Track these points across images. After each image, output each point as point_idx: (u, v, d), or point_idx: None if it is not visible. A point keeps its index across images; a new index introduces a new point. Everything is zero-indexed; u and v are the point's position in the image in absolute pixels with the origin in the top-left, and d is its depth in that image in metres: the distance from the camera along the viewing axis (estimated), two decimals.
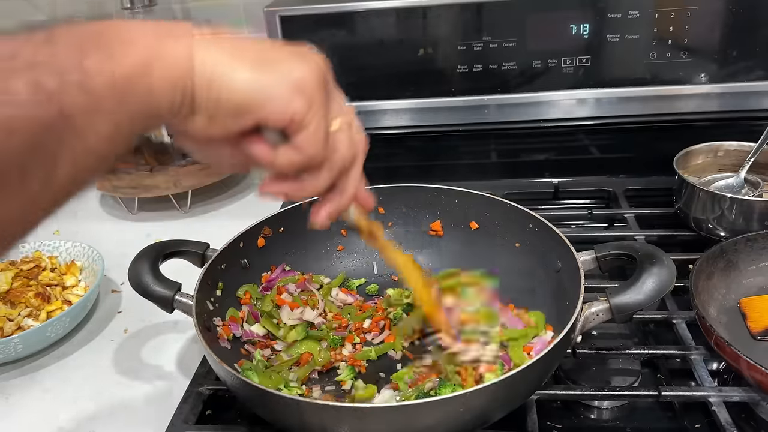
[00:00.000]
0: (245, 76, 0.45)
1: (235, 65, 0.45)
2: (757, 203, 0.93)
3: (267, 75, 0.46)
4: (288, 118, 0.47)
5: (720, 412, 0.69)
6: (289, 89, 0.46)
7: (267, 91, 0.46)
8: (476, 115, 1.20)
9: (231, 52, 0.46)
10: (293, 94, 0.46)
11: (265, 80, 0.46)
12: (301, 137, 0.48)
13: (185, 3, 1.35)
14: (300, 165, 0.50)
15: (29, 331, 0.87)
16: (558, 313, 0.79)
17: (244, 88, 0.45)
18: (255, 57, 0.46)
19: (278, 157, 0.49)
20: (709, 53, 1.11)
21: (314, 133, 0.48)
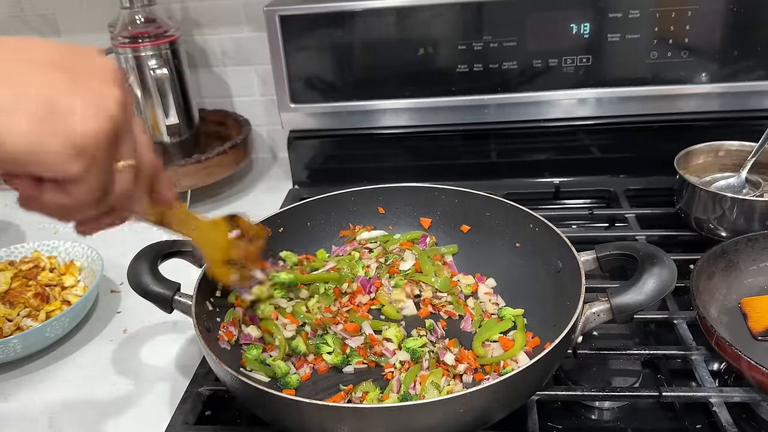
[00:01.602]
0: (21, 134, 0.40)
1: (12, 117, 0.40)
2: (758, 203, 0.93)
3: (45, 133, 0.41)
4: (63, 177, 0.43)
5: (721, 412, 0.69)
6: (69, 151, 0.42)
7: (42, 151, 0.41)
8: (476, 114, 1.20)
9: (11, 96, 0.40)
10: (72, 156, 0.42)
11: (42, 140, 0.41)
12: (74, 188, 0.44)
13: (185, 3, 1.35)
14: (67, 207, 0.46)
15: (28, 331, 0.86)
16: (558, 313, 0.78)
17: (19, 147, 0.40)
18: (37, 104, 0.41)
19: (45, 197, 0.45)
20: (709, 53, 1.11)
21: (87, 187, 0.45)
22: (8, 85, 0.41)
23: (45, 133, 0.41)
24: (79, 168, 0.43)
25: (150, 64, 1.20)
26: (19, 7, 1.40)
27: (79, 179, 0.44)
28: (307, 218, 0.96)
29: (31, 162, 0.42)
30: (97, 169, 0.44)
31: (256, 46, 1.36)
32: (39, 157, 0.41)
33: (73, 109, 0.42)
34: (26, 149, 0.41)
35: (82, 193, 0.45)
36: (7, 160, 0.41)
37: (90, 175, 0.44)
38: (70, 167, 0.42)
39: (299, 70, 1.18)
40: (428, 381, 0.72)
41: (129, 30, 1.20)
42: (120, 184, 0.48)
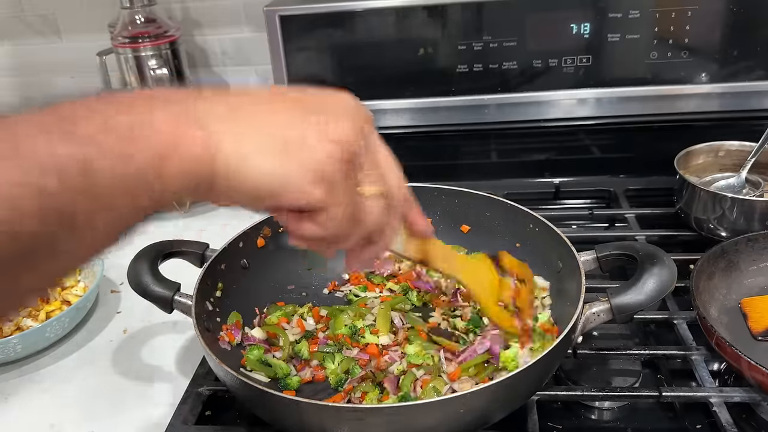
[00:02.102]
0: (264, 167, 0.43)
1: (254, 154, 0.43)
2: (758, 203, 0.93)
3: (286, 164, 0.44)
4: (306, 205, 0.46)
5: (721, 412, 0.69)
6: (308, 179, 0.44)
7: (285, 182, 0.44)
8: (476, 114, 1.19)
9: (252, 136, 0.43)
10: (312, 183, 0.44)
11: (283, 170, 0.44)
12: (321, 218, 0.47)
13: (185, 3, 1.35)
14: (324, 238, 0.49)
15: (28, 331, 0.86)
16: (559, 313, 0.79)
17: (262, 181, 0.43)
18: (276, 140, 0.44)
19: (302, 229, 0.48)
20: (709, 53, 1.11)
21: (335, 215, 0.47)
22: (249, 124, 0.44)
23: (284, 167, 0.44)
24: (319, 195, 0.45)
25: (150, 64, 1.20)
26: (19, 7, 1.40)
27: (323, 205, 0.46)
28: None
29: (275, 194, 0.44)
30: (337, 195, 0.46)
31: (256, 46, 1.36)
32: (282, 186, 0.44)
33: (307, 139, 0.44)
34: (270, 182, 0.44)
35: (330, 221, 0.47)
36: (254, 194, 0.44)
37: (333, 200, 0.46)
38: (310, 195, 0.45)
39: (299, 70, 1.18)
40: (430, 385, 0.72)
41: (129, 30, 1.20)
42: (369, 212, 0.50)
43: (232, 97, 0.45)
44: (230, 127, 0.43)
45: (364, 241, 0.52)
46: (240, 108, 0.44)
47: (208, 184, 0.42)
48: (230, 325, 0.81)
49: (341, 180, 0.46)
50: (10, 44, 1.46)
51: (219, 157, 0.42)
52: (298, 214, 0.48)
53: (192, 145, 0.40)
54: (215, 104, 0.43)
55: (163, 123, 0.40)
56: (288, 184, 0.44)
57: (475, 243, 0.94)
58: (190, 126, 0.41)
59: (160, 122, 0.40)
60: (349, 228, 0.49)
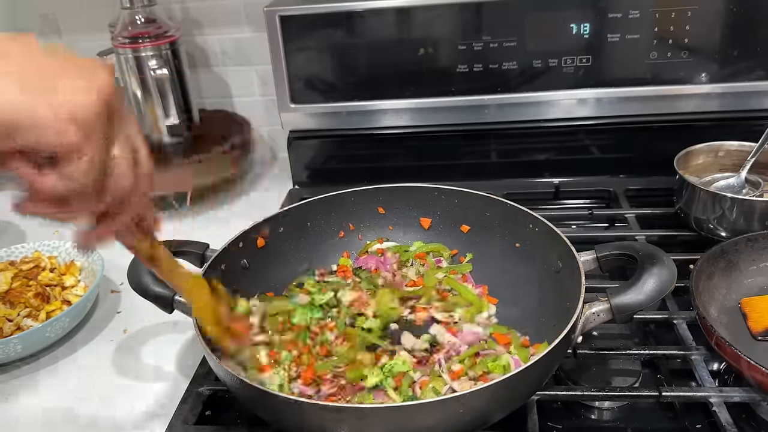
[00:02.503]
0: (11, 96, 0.41)
1: (5, 85, 0.41)
2: (758, 203, 0.93)
3: (37, 98, 0.41)
4: (58, 147, 0.43)
5: (721, 412, 0.69)
6: (63, 117, 0.42)
7: (35, 116, 0.41)
8: (476, 115, 1.20)
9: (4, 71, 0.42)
10: (67, 123, 0.42)
11: (34, 104, 0.41)
12: (71, 167, 0.44)
13: (185, 3, 1.35)
14: (65, 193, 0.46)
15: (28, 331, 0.86)
16: (558, 313, 0.78)
17: (9, 110, 0.41)
18: (29, 74, 0.42)
19: (43, 182, 0.45)
20: (709, 53, 1.11)
21: (87, 164, 0.44)
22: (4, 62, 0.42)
23: (36, 99, 0.42)
24: (74, 136, 0.43)
25: (150, 64, 1.20)
26: (20, 7, 1.40)
27: (74, 149, 0.43)
28: (307, 218, 0.96)
29: (23, 128, 0.42)
30: (93, 143, 0.44)
31: (256, 46, 1.36)
32: (32, 120, 0.42)
33: (63, 84, 0.43)
34: (18, 113, 0.41)
35: (77, 173, 0.44)
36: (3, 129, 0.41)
37: (86, 148, 0.44)
38: (64, 135, 0.42)
39: (299, 70, 1.18)
40: (429, 386, 0.72)
41: (129, 30, 1.20)
42: (118, 176, 0.48)
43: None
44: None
45: (101, 212, 0.50)
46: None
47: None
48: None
49: (96, 127, 0.44)
50: None
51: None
52: (40, 167, 0.45)
53: None
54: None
55: None
56: (39, 120, 0.42)
57: (475, 243, 0.94)
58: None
59: None
60: (94, 187, 0.46)
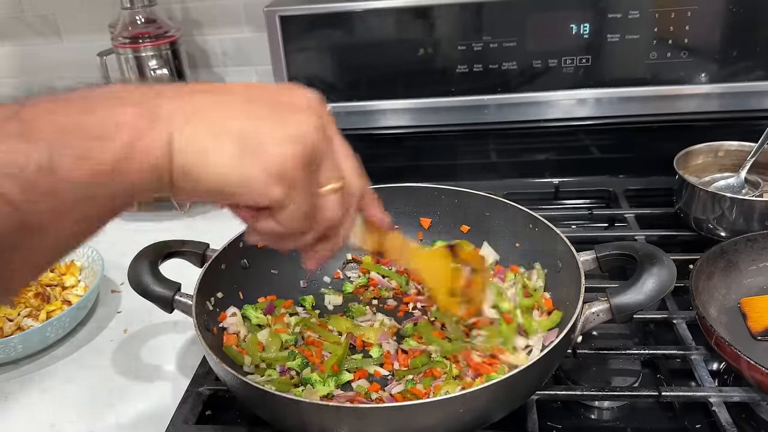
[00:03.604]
0: (222, 164, 0.43)
1: (212, 150, 0.43)
2: (758, 203, 0.93)
3: (244, 162, 0.43)
4: (265, 203, 0.45)
5: (720, 412, 0.69)
6: (268, 177, 0.44)
7: (244, 179, 0.43)
8: (476, 115, 1.20)
9: (211, 130, 0.43)
10: (272, 182, 0.44)
11: (242, 168, 0.43)
12: (280, 216, 0.47)
13: (185, 3, 1.35)
14: (281, 234, 0.49)
15: (29, 331, 0.86)
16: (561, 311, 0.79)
17: (220, 178, 0.43)
18: (236, 135, 0.43)
19: (259, 225, 0.48)
20: (709, 53, 1.11)
21: (294, 212, 0.46)
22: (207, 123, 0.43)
23: (243, 166, 0.43)
24: (279, 194, 0.44)
25: (150, 64, 1.20)
26: (19, 8, 1.40)
27: (282, 204, 0.46)
28: None
29: (234, 192, 0.44)
30: (297, 194, 0.46)
31: (257, 47, 1.36)
32: (240, 189, 0.44)
33: (266, 139, 0.44)
34: (226, 184, 0.43)
35: (289, 218, 0.47)
36: (210, 194, 0.44)
37: (292, 199, 0.46)
38: (270, 194, 0.44)
39: (299, 70, 1.18)
40: (442, 390, 0.71)
41: (129, 30, 1.20)
42: (326, 208, 0.50)
43: (192, 94, 0.45)
44: (189, 124, 0.42)
45: (319, 237, 0.52)
46: (200, 106, 0.44)
47: (168, 182, 0.43)
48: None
49: (301, 179, 0.45)
50: (11, 44, 1.46)
51: (176, 155, 0.42)
52: (256, 211, 0.47)
53: (152, 145, 0.41)
54: (176, 101, 0.43)
55: (123, 123, 0.40)
56: (247, 183, 0.44)
57: (475, 243, 0.94)
58: (151, 126, 0.41)
59: (120, 122, 0.40)
60: (305, 225, 0.49)
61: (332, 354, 0.78)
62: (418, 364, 0.77)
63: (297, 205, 0.46)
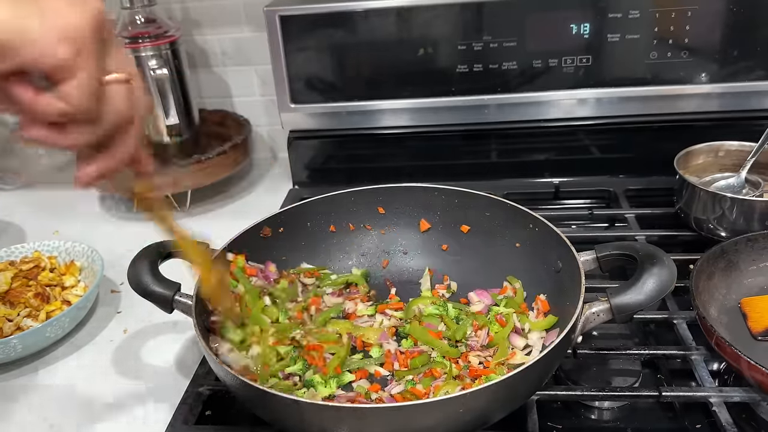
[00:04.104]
0: (3, 18, 0.41)
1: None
2: (758, 203, 0.93)
3: (30, 16, 0.42)
4: (52, 64, 0.43)
5: (720, 412, 0.69)
6: (56, 34, 0.42)
7: (29, 33, 0.42)
8: (476, 115, 1.20)
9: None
10: (59, 39, 0.42)
11: (27, 21, 0.42)
12: (66, 86, 0.44)
13: (185, 3, 1.35)
14: (63, 114, 0.46)
15: (28, 331, 0.86)
16: (558, 313, 0.79)
17: (4, 32, 0.41)
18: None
19: (39, 102, 0.45)
20: (709, 53, 1.11)
21: (81, 83, 0.44)
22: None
23: (29, 17, 0.42)
24: (67, 51, 0.43)
25: (150, 64, 1.20)
26: None
27: (69, 72, 0.44)
28: (307, 218, 0.96)
29: (17, 46, 0.42)
30: (86, 60, 0.44)
31: (256, 46, 1.36)
32: (26, 37, 0.42)
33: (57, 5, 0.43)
34: (11, 31, 0.41)
35: (75, 91, 0.44)
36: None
37: (80, 66, 0.44)
38: (57, 50, 0.42)
39: (299, 70, 1.18)
40: (442, 390, 0.71)
41: (129, 30, 1.20)
42: (114, 98, 0.48)
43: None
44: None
45: (103, 140, 0.49)
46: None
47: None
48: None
49: (90, 45, 0.44)
50: None
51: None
52: (37, 88, 0.45)
53: None
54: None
55: None
56: (32, 36, 0.42)
57: (475, 243, 0.94)
58: None
59: None
60: (92, 106, 0.46)
61: (335, 355, 0.78)
62: (418, 364, 0.77)
63: (85, 76, 0.44)
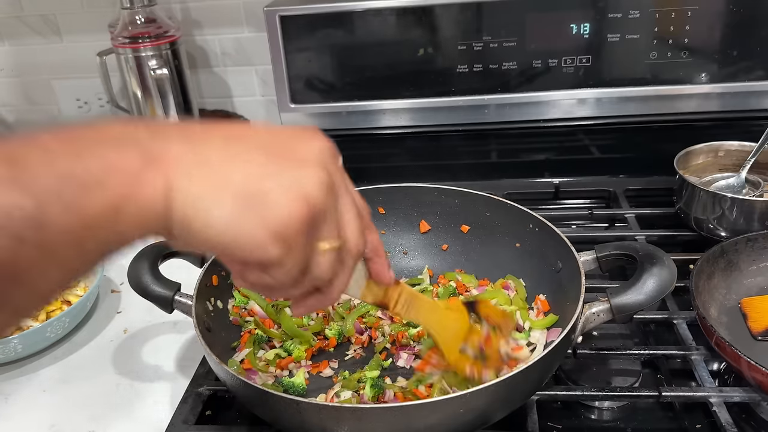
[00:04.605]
0: (222, 220, 0.41)
1: (213, 203, 0.40)
2: (758, 203, 0.93)
3: (244, 219, 0.41)
4: (262, 262, 0.43)
5: (720, 412, 0.69)
6: (268, 237, 0.41)
7: (243, 237, 0.41)
8: (476, 115, 1.20)
9: (213, 182, 0.41)
10: (271, 242, 0.42)
11: (242, 226, 0.41)
12: (274, 271, 0.44)
13: (185, 3, 1.35)
14: (270, 287, 0.47)
15: (29, 331, 0.86)
16: (558, 313, 0.79)
17: (220, 233, 0.41)
18: (238, 188, 0.41)
19: (247, 275, 0.46)
20: (709, 53, 1.11)
21: (287, 271, 0.45)
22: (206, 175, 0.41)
23: (243, 222, 0.41)
24: (276, 255, 0.42)
25: (150, 64, 1.20)
26: (19, 7, 1.40)
27: (277, 264, 0.44)
28: None
29: (232, 248, 0.42)
30: (294, 255, 0.44)
31: (256, 47, 1.36)
32: (237, 245, 0.42)
33: (270, 195, 0.42)
34: (224, 239, 0.41)
35: (281, 275, 0.45)
36: (210, 246, 0.42)
37: (287, 260, 0.44)
38: (267, 254, 0.42)
39: (299, 70, 1.18)
40: (438, 387, 0.71)
41: (129, 30, 1.20)
42: (319, 266, 0.47)
43: (191, 138, 0.42)
44: (187, 172, 0.40)
45: (309, 291, 0.50)
46: (199, 151, 0.41)
47: (165, 232, 0.41)
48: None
49: (301, 240, 0.43)
50: (10, 44, 1.46)
51: (176, 207, 0.40)
52: (245, 263, 0.45)
53: (148, 196, 0.39)
54: (172, 143, 0.41)
55: (119, 169, 0.37)
56: (246, 241, 0.41)
57: (475, 243, 0.94)
58: (147, 170, 0.39)
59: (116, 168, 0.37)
60: (297, 280, 0.46)
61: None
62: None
63: (290, 266, 0.44)
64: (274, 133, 0.46)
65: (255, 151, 0.43)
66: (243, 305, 0.85)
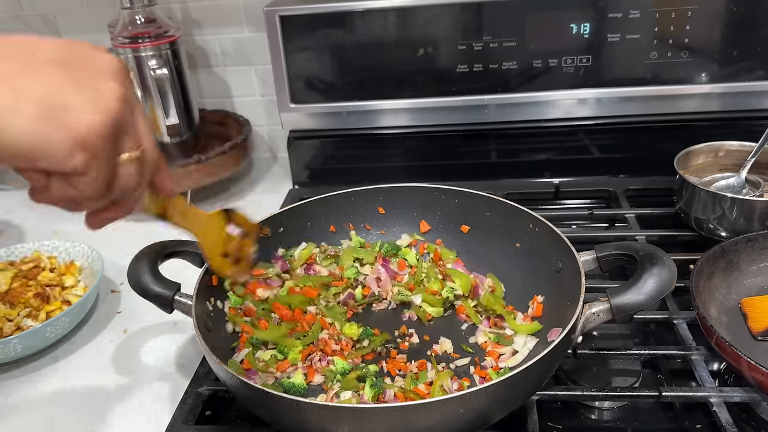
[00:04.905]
0: (23, 128, 0.42)
1: (14, 113, 0.42)
2: (758, 203, 0.93)
3: (46, 130, 0.43)
4: (67, 170, 0.45)
5: (721, 412, 0.69)
6: (70, 146, 0.44)
7: (46, 146, 0.43)
8: (476, 115, 1.20)
9: (14, 94, 0.42)
10: (74, 151, 0.44)
11: (44, 133, 0.43)
12: (79, 181, 0.46)
13: (185, 3, 1.35)
14: (74, 199, 0.49)
15: (28, 331, 0.86)
16: (558, 313, 0.79)
17: (21, 141, 0.42)
18: (40, 99, 0.43)
19: (52, 187, 0.47)
20: (709, 53, 1.11)
21: (93, 179, 0.47)
22: (9, 85, 0.43)
23: (46, 131, 0.43)
24: (81, 162, 0.45)
25: (150, 64, 1.20)
26: (19, 7, 1.40)
27: (82, 172, 0.46)
28: (307, 218, 0.96)
29: (35, 158, 0.44)
30: (99, 162, 0.46)
31: (256, 46, 1.36)
32: (42, 153, 0.43)
33: (71, 105, 0.44)
34: (29, 147, 0.43)
35: (86, 185, 0.47)
36: (11, 157, 0.43)
37: (92, 168, 0.46)
38: (72, 161, 0.44)
39: (299, 70, 1.18)
40: (438, 385, 0.72)
41: (129, 30, 1.20)
42: (123, 177, 0.50)
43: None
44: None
45: (111, 202, 0.52)
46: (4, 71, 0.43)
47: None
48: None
49: (104, 148, 0.46)
50: None
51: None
52: (47, 175, 0.47)
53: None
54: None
55: None
56: (49, 149, 0.43)
57: (475, 243, 0.94)
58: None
59: None
60: (100, 191, 0.48)
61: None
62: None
63: (96, 174, 0.46)
64: (67, 47, 0.47)
65: (52, 64, 0.45)
66: (239, 305, 0.85)
